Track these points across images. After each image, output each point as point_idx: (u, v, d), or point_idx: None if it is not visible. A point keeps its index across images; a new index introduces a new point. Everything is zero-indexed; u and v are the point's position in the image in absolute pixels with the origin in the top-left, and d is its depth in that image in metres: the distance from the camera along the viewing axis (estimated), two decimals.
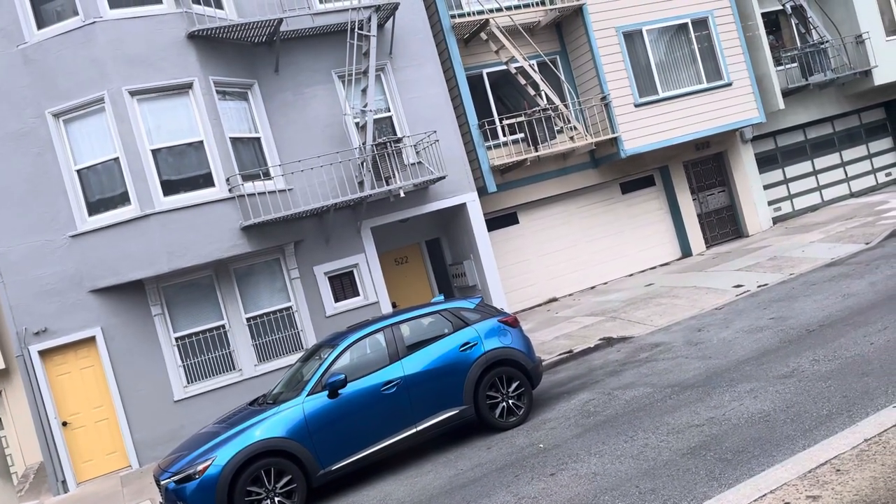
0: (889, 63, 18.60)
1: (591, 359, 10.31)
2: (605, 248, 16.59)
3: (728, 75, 16.54)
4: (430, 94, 13.58)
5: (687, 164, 17.55)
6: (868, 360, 6.51)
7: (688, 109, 16.11)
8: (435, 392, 7.56)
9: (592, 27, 15.36)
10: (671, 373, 8.17)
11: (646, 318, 11.72)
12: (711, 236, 17.70)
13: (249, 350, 11.81)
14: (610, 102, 15.37)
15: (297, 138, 12.48)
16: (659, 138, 15.79)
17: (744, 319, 9.90)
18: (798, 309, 9.51)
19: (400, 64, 13.45)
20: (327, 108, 12.79)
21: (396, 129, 13.39)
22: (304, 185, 12.20)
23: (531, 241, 15.98)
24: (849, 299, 9.21)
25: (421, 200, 13.31)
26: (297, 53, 12.69)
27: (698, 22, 16.42)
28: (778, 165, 18.87)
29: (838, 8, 18.81)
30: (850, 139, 19.88)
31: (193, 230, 10.90)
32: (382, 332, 7.70)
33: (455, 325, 7.94)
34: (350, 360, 7.58)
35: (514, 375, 7.94)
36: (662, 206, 17.37)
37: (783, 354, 7.53)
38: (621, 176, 16.72)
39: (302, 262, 12.37)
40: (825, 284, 10.61)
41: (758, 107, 16.81)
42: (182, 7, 11.18)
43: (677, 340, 9.80)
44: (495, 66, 15.27)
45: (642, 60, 15.90)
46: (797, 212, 18.80)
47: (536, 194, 15.81)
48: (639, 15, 15.88)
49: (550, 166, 15.82)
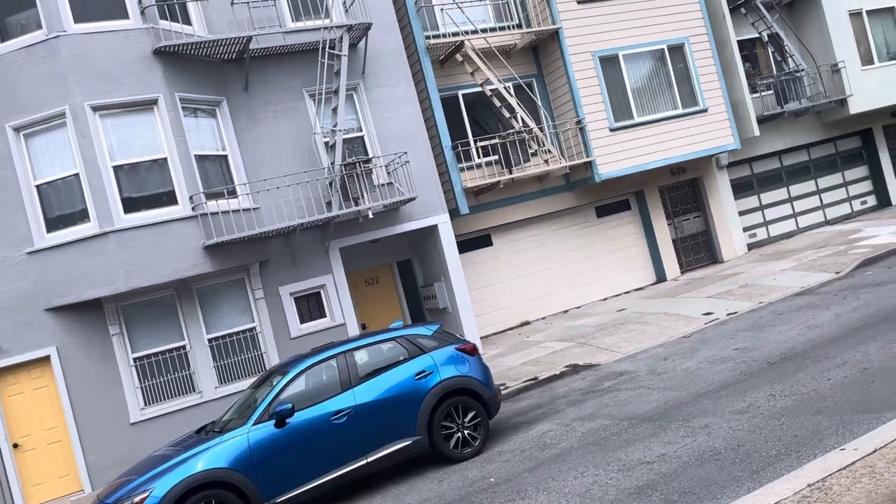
0: (864, 92, 18.77)
1: (555, 386, 10.15)
2: (579, 272, 16.50)
3: (703, 101, 16.60)
4: (402, 115, 13.49)
5: (662, 189, 17.55)
6: (823, 396, 6.40)
7: (663, 135, 16.13)
8: (388, 422, 7.36)
9: (568, 51, 15.38)
10: (631, 404, 8.03)
11: (614, 345, 11.59)
12: (686, 261, 17.67)
13: (210, 372, 11.55)
14: (585, 126, 15.36)
15: (266, 157, 12.32)
16: (633, 163, 15.78)
17: (709, 349, 9.79)
18: (763, 339, 9.41)
19: (373, 83, 13.37)
20: (298, 126, 12.66)
21: (368, 148, 13.27)
22: (271, 205, 12.03)
23: (505, 263, 15.86)
24: (813, 331, 9.13)
25: (391, 221, 13.16)
26: (268, 71, 12.58)
27: (674, 48, 16.50)
28: (753, 192, 18.92)
29: (814, 37, 19.00)
30: (825, 167, 19.99)
31: (154, 249, 10.68)
32: (335, 360, 7.51)
33: (411, 353, 7.76)
34: (301, 387, 7.37)
35: (471, 405, 7.76)
36: (637, 231, 17.33)
37: (742, 388, 7.40)
38: (596, 199, 16.68)
39: (267, 283, 12.15)
40: (792, 314, 10.54)
41: (733, 133, 16.87)
42: (149, 23, 11.04)
43: (642, 369, 9.67)
44: (471, 87, 15.23)
45: (618, 85, 15.92)
46: (772, 238, 18.83)
47: (511, 216, 15.72)
48: (615, 40, 15.93)
49: (525, 189, 15.75)
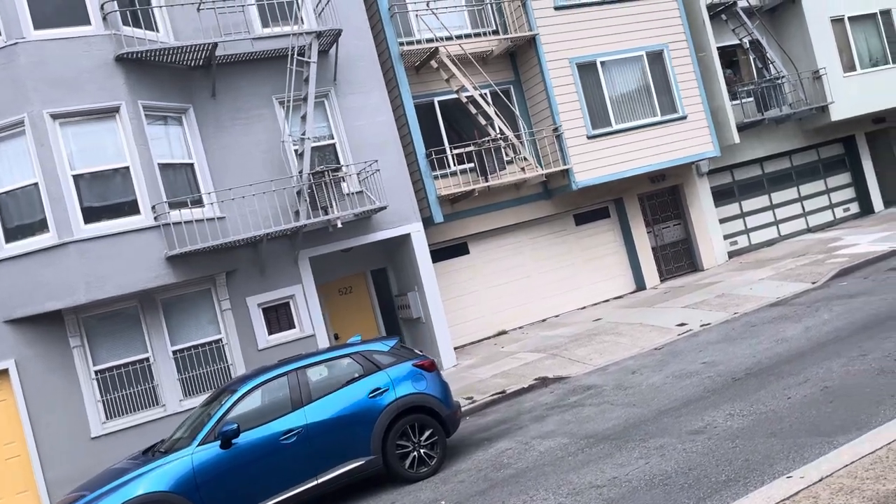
0: (846, 99, 18.68)
1: (523, 400, 9.96)
2: (557, 280, 16.33)
3: (683, 108, 16.47)
4: (375, 122, 13.31)
5: (642, 197, 17.40)
6: (780, 417, 6.23)
7: (642, 142, 15.99)
8: (340, 442, 7.16)
9: (545, 58, 15.23)
10: (593, 421, 7.85)
11: (586, 357, 11.42)
12: (666, 269, 17.52)
13: (175, 384, 11.32)
14: (562, 134, 15.20)
15: (234, 165, 12.12)
16: (611, 171, 15.63)
17: (678, 362, 9.62)
18: (731, 353, 9.25)
19: (345, 90, 13.18)
20: (267, 134, 12.46)
21: (340, 156, 13.09)
22: (239, 214, 11.82)
23: (482, 272, 15.68)
24: (781, 345, 8.97)
25: (363, 230, 12.97)
26: (236, 78, 12.38)
27: (653, 55, 16.37)
28: (735, 199, 18.80)
29: (796, 43, 18.90)
30: (807, 174, 19.90)
31: (114, 259, 10.45)
32: (286, 377, 7.31)
33: (366, 369, 7.57)
34: (250, 406, 7.16)
35: (428, 423, 7.56)
36: (617, 239, 17.17)
37: (703, 406, 7.23)
38: (575, 207, 16.52)
39: (234, 293, 11.94)
40: (764, 326, 10.38)
41: (713, 141, 16.74)
42: (111, 29, 10.84)
43: (609, 383, 9.50)
44: (447, 94, 15.06)
45: (596, 92, 15.77)
46: (754, 246, 18.71)
47: (488, 224, 15.54)
48: (593, 47, 15.79)
49: (502, 196, 15.58)
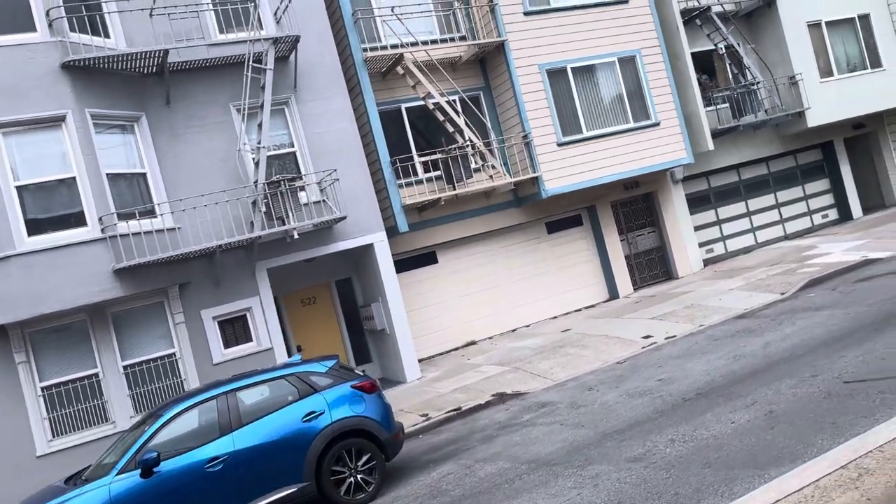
0: (823, 105, 18.50)
1: (477, 417, 9.69)
2: (529, 290, 16.06)
3: (656, 115, 16.25)
4: (337, 130, 13.03)
5: (615, 204, 17.16)
6: (720, 444, 5.97)
7: (613, 149, 15.75)
8: (271, 468, 6.87)
9: (514, 64, 14.98)
10: (539, 443, 7.58)
11: (548, 371, 11.16)
12: (640, 278, 17.29)
13: (125, 401, 11.01)
14: (531, 141, 14.95)
15: (189, 174, 11.82)
16: (582, 178, 15.38)
17: (636, 378, 9.37)
18: (688, 370, 9.00)
19: (305, 97, 12.90)
20: (224, 142, 12.17)
21: (300, 165, 12.81)
22: (194, 224, 11.52)
23: (451, 281, 15.41)
24: (738, 362, 8.73)
25: (324, 240, 12.68)
26: (192, 85, 12.09)
27: (626, 60, 16.14)
28: (711, 206, 18.59)
29: (772, 49, 18.71)
30: (785, 180, 19.70)
31: (59, 273, 10.15)
32: (215, 401, 7.02)
33: (301, 392, 7.28)
34: (175, 432, 6.86)
35: (365, 448, 7.29)
36: (590, 247, 16.93)
37: (648, 429, 6.98)
38: (546, 215, 16.27)
39: (188, 306, 11.63)
40: (726, 340, 10.14)
41: (686, 147, 16.52)
42: (57, 36, 10.53)
43: (565, 400, 9.23)
44: (415, 100, 14.80)
45: (567, 99, 15.53)
46: (730, 253, 18.49)
47: (457, 233, 15.27)
48: (564, 52, 15.55)
49: (472, 205, 15.32)
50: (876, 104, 19.38)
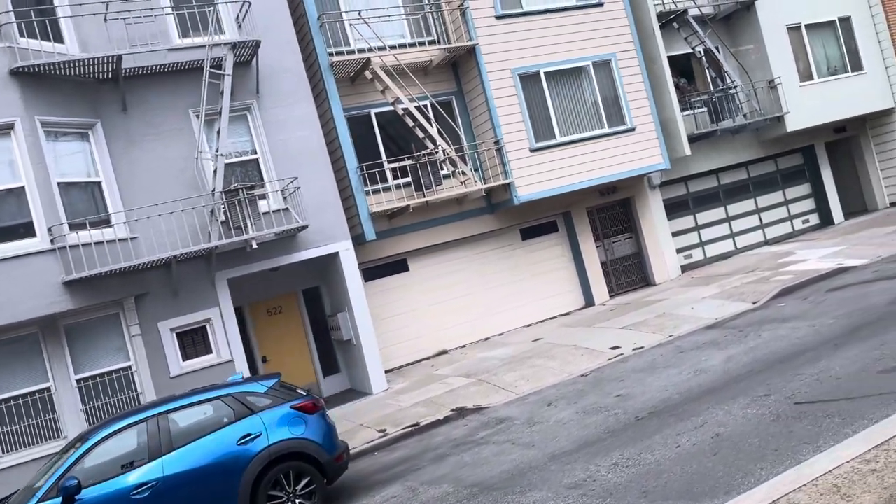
0: (802, 109, 18.29)
1: (434, 434, 9.44)
2: (503, 297, 15.81)
3: (631, 120, 16.02)
4: (301, 136, 12.76)
5: (591, 210, 16.93)
6: (661, 471, 5.73)
7: (587, 155, 15.52)
8: (203, 494, 6.61)
9: (485, 68, 14.74)
10: (486, 465, 7.33)
11: (512, 384, 10.91)
12: (617, 284, 17.06)
13: (78, 415, 10.72)
14: (503, 147, 14.70)
15: (146, 182, 11.54)
16: (555, 184, 15.14)
17: (596, 394, 9.13)
18: (648, 385, 8.76)
19: (268, 103, 12.64)
20: (183, 150, 11.89)
21: (263, 172, 12.54)
22: (150, 234, 11.24)
23: (422, 289, 15.14)
24: (698, 377, 8.50)
25: (287, 249, 12.42)
26: (150, 90, 11.81)
27: (600, 64, 15.91)
28: (689, 211, 18.36)
29: (751, 52, 18.50)
30: (765, 185, 19.48)
31: (7, 286, 9.86)
32: (146, 424, 6.75)
33: (238, 413, 7.02)
34: (103, 457, 6.59)
35: (305, 471, 7.03)
36: (565, 253, 16.69)
37: (595, 451, 6.73)
38: (521, 221, 16.03)
39: (144, 318, 11.35)
40: (691, 353, 9.91)
41: (662, 153, 16.29)
42: (5, 42, 10.25)
43: (523, 416, 8.99)
44: (384, 105, 14.54)
45: (540, 103, 15.29)
46: (709, 259, 18.28)
47: (429, 240, 15.02)
48: (537, 56, 15.31)
49: (444, 211, 15.06)
50: (857, 108, 19.21)
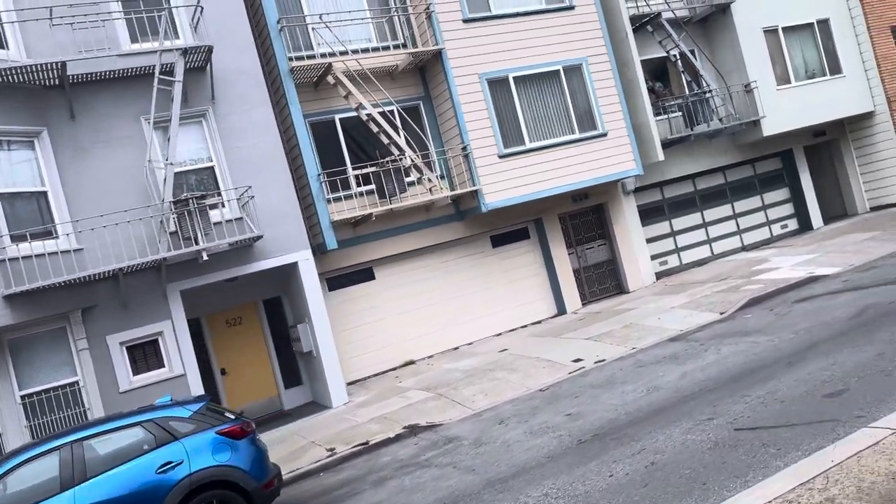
0: (779, 113, 18.04)
1: (382, 453, 9.14)
2: (473, 306, 15.50)
3: (603, 125, 15.74)
4: (259, 143, 12.45)
5: (564, 217, 16.65)
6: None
7: (558, 161, 15.23)
8: None
9: (452, 73, 14.44)
10: (422, 492, 7.03)
11: (469, 399, 10.62)
12: (590, 292, 16.78)
13: (22, 432, 10.39)
14: (470, 153, 14.41)
15: (96, 192, 11.21)
16: (524, 191, 14.84)
17: (548, 411, 8.84)
18: (599, 403, 8.48)
19: (225, 109, 12.32)
20: (134, 158, 11.55)
21: (219, 180, 12.22)
22: (98, 245, 10.92)
23: (389, 298, 14.83)
24: (650, 395, 8.22)
25: (243, 260, 12.10)
26: (99, 97, 11.48)
27: (571, 69, 15.62)
28: (665, 217, 18.09)
29: (727, 56, 18.25)
30: (743, 190, 19.22)
31: None
32: (58, 452, 6.44)
33: (159, 440, 6.71)
34: (11, 488, 6.28)
35: (230, 500, 6.72)
36: (537, 261, 16.40)
37: (531, 478, 6.45)
38: (491, 229, 15.73)
39: (92, 331, 11.03)
40: (650, 368, 9.63)
41: (635, 158, 16.01)
42: None
43: (473, 435, 8.70)
44: (349, 111, 14.22)
45: (509, 109, 15.00)
46: (684, 266, 18.01)
47: (395, 248, 14.72)
48: (505, 61, 15.02)
49: (411, 218, 14.76)
50: (836, 112, 18.97)
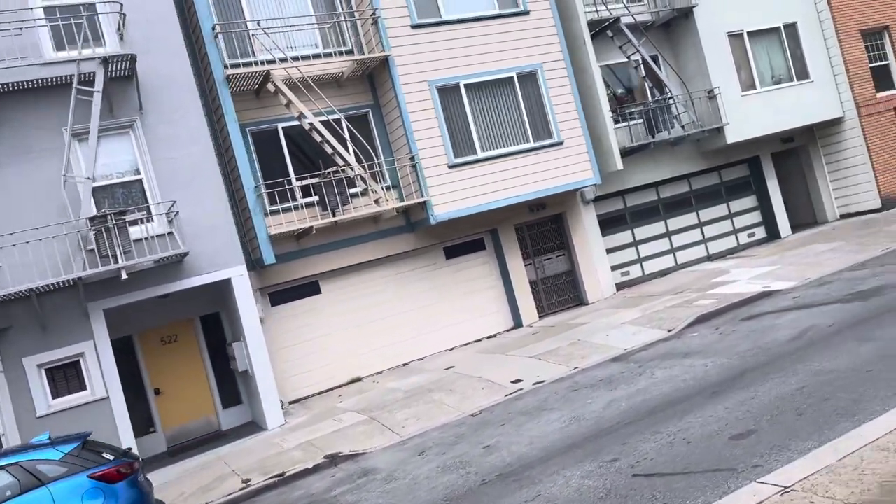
0: (744, 120, 17.64)
1: (296, 487, 8.66)
2: (426, 320, 15.04)
3: (559, 133, 15.30)
4: (189, 154, 11.96)
5: (521, 227, 16.21)
6: None
7: (512, 171, 14.78)
8: None
9: (399, 80, 13.98)
10: None
11: (400, 424, 10.16)
12: (548, 304, 16.34)
13: None
14: (419, 163, 13.95)
15: (14, 207, 10.72)
16: (476, 202, 14.39)
17: (468, 442, 8.39)
18: (521, 434, 8.03)
19: (154, 119, 11.83)
20: (56, 172, 11.03)
21: (147, 194, 11.73)
22: (14, 264, 10.42)
23: (336, 312, 14.36)
24: (570, 427, 7.77)
25: (170, 277, 11.61)
26: (19, 109, 10.98)
27: (526, 76, 15.18)
28: (627, 226, 17.66)
29: (691, 61, 17.85)
30: (708, 198, 18.82)
31: None
32: None
33: (24, 485, 6.24)
34: None
35: None
36: (493, 273, 15.96)
37: None
38: (444, 240, 15.28)
39: (7, 354, 10.53)
40: (582, 393, 9.19)
41: (593, 167, 15.57)
42: None
43: (388, 469, 8.23)
44: (292, 120, 13.74)
45: (460, 118, 14.54)
46: (647, 276, 17.59)
47: (342, 261, 14.25)
48: (456, 68, 14.56)
49: (358, 230, 14.30)
50: (803, 118, 18.58)
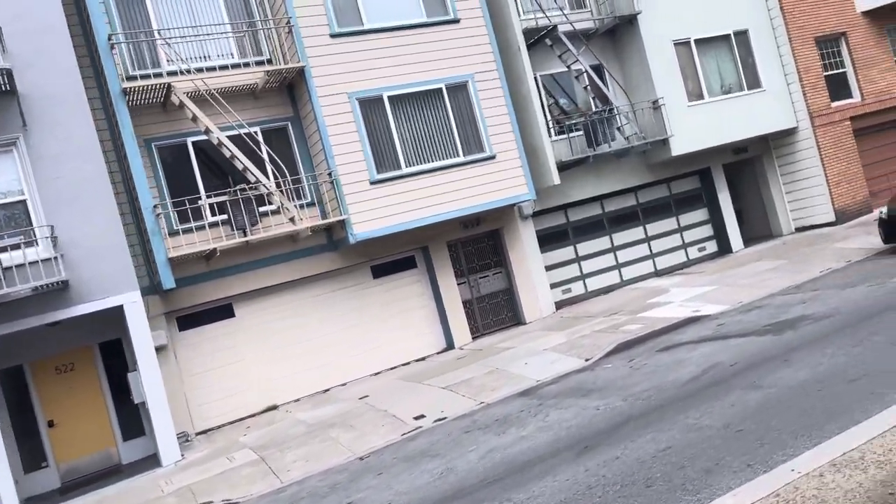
0: (690, 131, 17.02)
1: None
2: (352, 342, 14.33)
3: (491, 147, 14.63)
4: (81, 172, 11.21)
5: (455, 244, 15.53)
6: None
7: (440, 186, 14.10)
8: None
9: (317, 92, 13.27)
10: None
11: (286, 467, 9.42)
12: (484, 324, 15.66)
13: None
14: (337, 179, 13.25)
15: None
16: (400, 220, 13.70)
17: (338, 494, 7.69)
18: (389, 487, 7.34)
19: (39, 137, 11.08)
20: None
21: (32, 216, 10.98)
22: None
23: (251, 336, 13.63)
24: (436, 482, 7.08)
25: (54, 305, 10.84)
26: None
27: (456, 87, 14.51)
28: (569, 242, 17.00)
29: (636, 70, 17.22)
30: (656, 212, 18.18)
31: None
32: None
33: None
34: None
35: None
36: (425, 292, 15.26)
37: None
38: (370, 258, 14.58)
39: None
40: (472, 435, 8.51)
41: (527, 182, 14.91)
42: None
43: None
44: (201, 134, 13.02)
45: (382, 131, 13.85)
46: (590, 293, 16.93)
47: (259, 282, 13.53)
48: (380, 79, 13.87)
49: (275, 250, 13.58)
50: (754, 129, 17.98)
